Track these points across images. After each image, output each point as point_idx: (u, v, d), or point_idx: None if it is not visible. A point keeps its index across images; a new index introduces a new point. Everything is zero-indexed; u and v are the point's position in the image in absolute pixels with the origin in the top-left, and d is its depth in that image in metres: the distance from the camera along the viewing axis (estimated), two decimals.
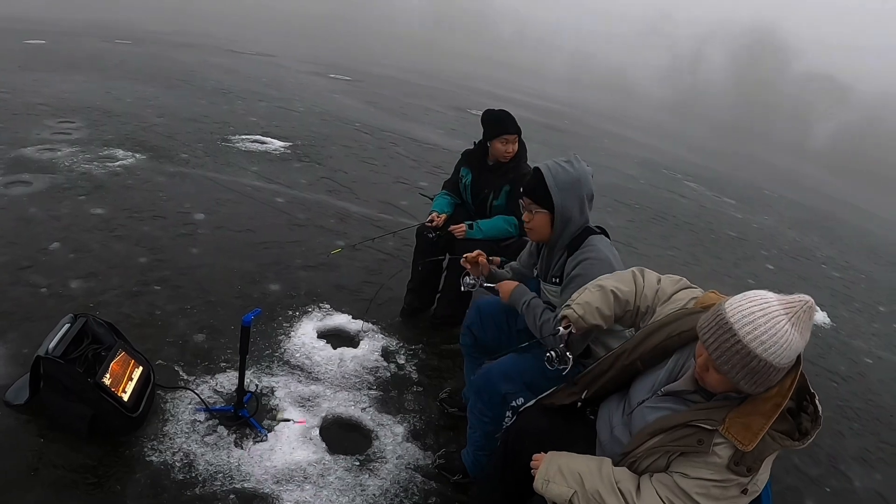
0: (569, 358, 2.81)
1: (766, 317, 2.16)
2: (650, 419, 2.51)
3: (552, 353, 2.83)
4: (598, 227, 3.60)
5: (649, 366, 2.71)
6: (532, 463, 2.63)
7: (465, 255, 3.97)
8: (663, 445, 2.37)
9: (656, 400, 2.58)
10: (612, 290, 2.91)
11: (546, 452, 2.63)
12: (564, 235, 3.51)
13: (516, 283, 3.72)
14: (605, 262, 3.36)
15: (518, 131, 5.08)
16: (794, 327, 2.15)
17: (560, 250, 3.55)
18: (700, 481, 2.26)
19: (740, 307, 2.22)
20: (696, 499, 2.25)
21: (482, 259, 3.92)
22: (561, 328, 2.92)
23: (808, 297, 2.19)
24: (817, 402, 2.31)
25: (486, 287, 3.90)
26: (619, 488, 2.37)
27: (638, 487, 2.38)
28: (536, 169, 3.49)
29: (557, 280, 3.52)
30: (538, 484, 2.52)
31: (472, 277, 3.91)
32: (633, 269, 3.06)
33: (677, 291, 2.88)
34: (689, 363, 2.54)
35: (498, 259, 4.09)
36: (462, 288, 3.94)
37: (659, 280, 2.99)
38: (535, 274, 3.79)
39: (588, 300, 2.89)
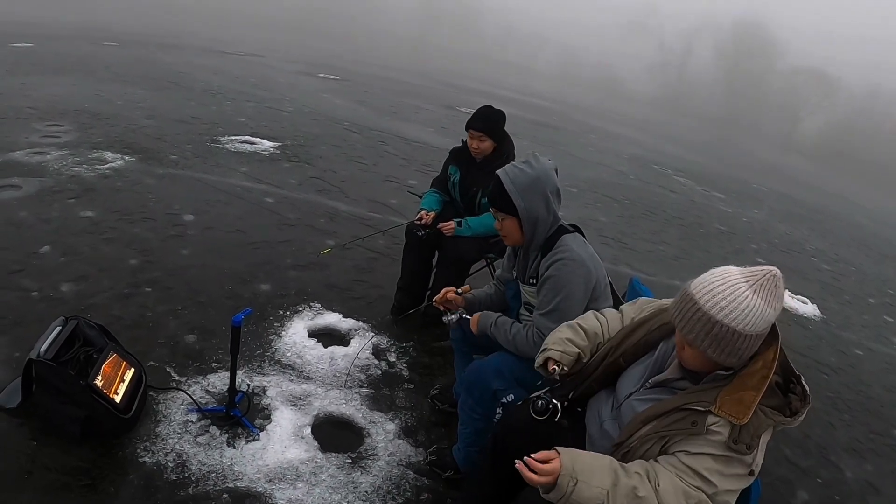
0: (556, 405, 2.75)
1: (725, 285, 2.24)
2: (640, 410, 2.52)
3: (541, 401, 2.77)
4: (571, 224, 3.59)
5: (632, 362, 2.74)
6: (536, 458, 2.35)
7: (434, 299, 3.95)
8: (657, 432, 2.38)
9: (644, 392, 2.60)
10: (577, 324, 2.98)
11: (532, 446, 2.58)
12: (537, 236, 3.49)
13: (478, 312, 3.75)
14: (579, 261, 3.36)
15: (485, 129, 5.08)
16: (756, 294, 2.21)
17: (535, 251, 3.54)
18: (703, 457, 2.26)
19: (701, 280, 2.30)
20: (704, 474, 2.24)
21: (451, 295, 3.90)
22: (549, 370, 2.88)
23: (773, 268, 2.25)
24: (804, 382, 2.35)
25: (468, 318, 3.89)
26: (644, 480, 2.30)
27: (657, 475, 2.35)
28: (497, 175, 3.48)
29: (534, 281, 3.52)
30: (564, 481, 2.27)
31: (451, 314, 3.89)
32: (590, 311, 3.12)
33: (640, 307, 2.95)
34: (674, 353, 2.57)
35: (468, 287, 4.07)
36: (447, 325, 3.91)
37: (619, 309, 3.07)
38: (514, 276, 3.79)
39: (558, 337, 2.94)
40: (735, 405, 2.25)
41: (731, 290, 2.23)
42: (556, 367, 2.85)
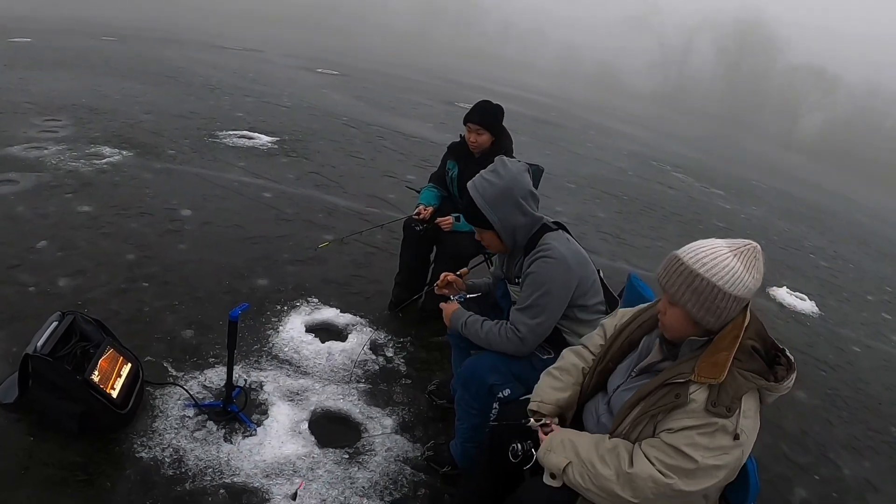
0: (533, 454, 2.70)
1: (710, 247, 2.41)
2: (627, 398, 2.57)
3: (518, 445, 2.74)
4: (555, 222, 3.57)
5: (620, 362, 2.80)
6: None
7: (435, 284, 3.95)
8: (646, 412, 2.44)
9: (630, 381, 2.67)
10: (550, 371, 2.99)
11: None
12: (518, 241, 3.47)
13: (454, 305, 3.73)
14: (560, 259, 3.32)
15: (483, 123, 5.07)
16: (737, 258, 2.36)
17: (518, 253, 3.53)
18: (684, 431, 2.31)
19: (688, 244, 2.47)
20: (684, 451, 2.29)
21: (451, 277, 3.90)
22: (532, 422, 2.82)
23: (754, 242, 2.41)
24: (788, 353, 2.44)
25: (471, 298, 3.88)
26: (611, 459, 2.43)
27: (631, 457, 2.42)
28: (466, 188, 3.46)
29: (519, 280, 3.52)
30: (540, 453, 2.60)
31: (453, 297, 3.89)
32: (565, 350, 3.11)
33: (621, 316, 2.97)
34: (656, 342, 2.64)
35: (465, 269, 4.07)
36: None
37: (601, 324, 3.08)
38: (503, 276, 3.78)
39: (536, 389, 2.96)
40: (711, 368, 2.34)
41: (714, 251, 2.38)
42: (533, 419, 2.84)
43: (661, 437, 2.37)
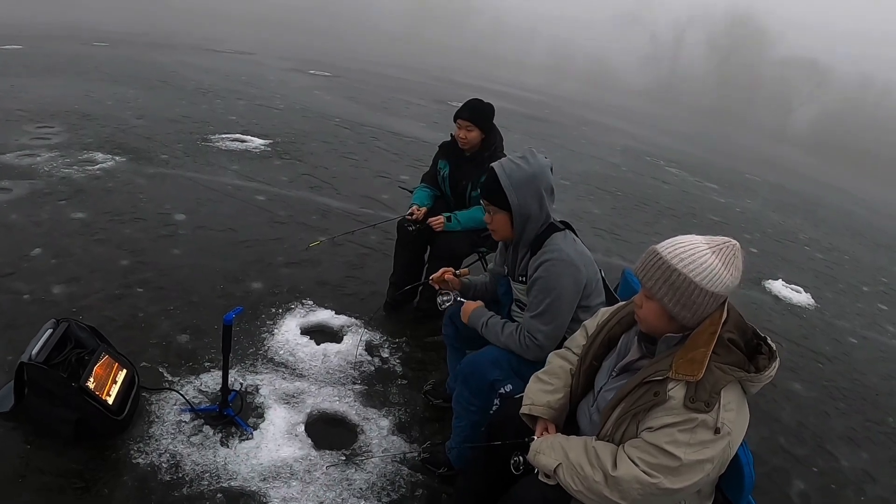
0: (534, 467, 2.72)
1: (687, 242, 2.42)
2: (609, 398, 2.59)
3: (520, 457, 2.78)
4: (562, 221, 3.58)
5: (603, 360, 2.82)
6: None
7: (431, 277, 3.96)
8: (627, 411, 2.44)
9: (612, 381, 2.68)
10: (537, 376, 3.00)
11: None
12: (527, 233, 3.49)
13: (476, 303, 3.74)
14: (567, 261, 3.35)
15: (472, 119, 5.05)
16: (715, 255, 2.37)
17: (524, 248, 3.54)
18: (665, 429, 2.32)
19: (668, 239, 2.47)
20: (666, 449, 2.29)
21: (448, 276, 3.91)
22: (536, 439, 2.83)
23: (733, 240, 2.43)
24: (769, 341, 2.45)
25: (462, 301, 3.85)
26: (597, 462, 2.43)
27: (615, 459, 2.43)
28: (491, 168, 3.47)
29: (523, 279, 3.52)
30: (530, 454, 2.62)
31: (445, 295, 3.89)
32: (550, 353, 3.11)
33: (601, 314, 2.99)
34: (633, 341, 2.67)
35: (466, 270, 4.07)
36: (440, 307, 3.91)
37: (582, 325, 3.10)
38: (506, 272, 3.79)
39: (525, 393, 2.96)
40: (688, 365, 2.33)
41: (692, 247, 2.39)
42: (533, 421, 2.88)
43: (643, 437, 2.38)
